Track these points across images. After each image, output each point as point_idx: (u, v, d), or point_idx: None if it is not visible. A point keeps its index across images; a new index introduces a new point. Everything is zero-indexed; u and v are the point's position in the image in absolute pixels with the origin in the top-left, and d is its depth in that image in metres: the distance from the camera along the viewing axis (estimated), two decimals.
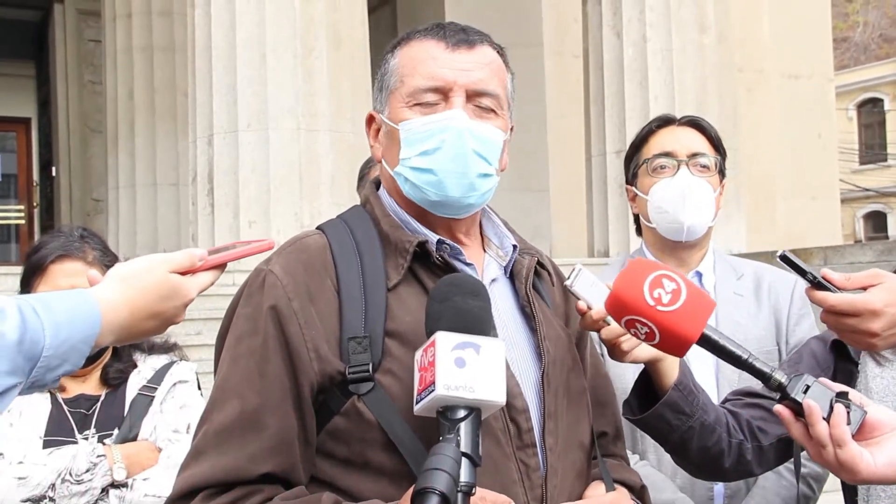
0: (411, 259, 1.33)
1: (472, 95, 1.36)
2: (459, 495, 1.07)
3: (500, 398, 1.16)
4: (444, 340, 1.15)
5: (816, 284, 1.40)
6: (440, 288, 1.24)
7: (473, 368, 1.14)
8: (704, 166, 2.15)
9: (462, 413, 1.13)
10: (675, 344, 1.28)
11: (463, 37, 1.38)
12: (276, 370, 1.26)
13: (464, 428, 1.12)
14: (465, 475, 1.09)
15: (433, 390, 1.13)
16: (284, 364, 1.26)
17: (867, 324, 1.37)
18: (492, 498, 1.18)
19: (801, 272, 1.39)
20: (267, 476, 1.24)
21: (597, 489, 1.38)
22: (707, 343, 1.28)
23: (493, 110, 1.37)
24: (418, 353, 1.19)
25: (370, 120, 1.46)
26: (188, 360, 2.22)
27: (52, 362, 1.10)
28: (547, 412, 1.34)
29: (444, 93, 1.35)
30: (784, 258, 1.40)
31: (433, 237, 1.37)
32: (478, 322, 1.20)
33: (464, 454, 1.10)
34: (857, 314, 1.38)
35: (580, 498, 1.36)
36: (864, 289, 1.39)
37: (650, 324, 1.26)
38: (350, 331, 1.27)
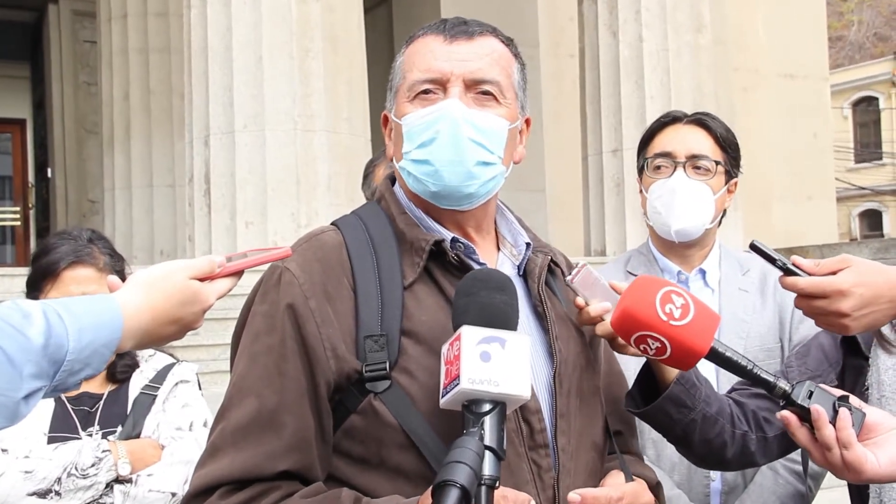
0: (427, 258, 1.32)
1: (470, 84, 1.34)
2: (483, 488, 1.06)
3: (525, 392, 1.16)
4: (470, 334, 1.16)
5: (787, 271, 1.43)
6: (466, 282, 1.24)
7: (498, 363, 1.15)
8: (704, 168, 2.14)
9: (487, 407, 1.14)
10: (685, 357, 1.31)
11: (462, 28, 1.37)
12: (293, 369, 1.26)
13: (488, 421, 1.12)
14: (488, 468, 1.08)
15: (458, 384, 1.13)
16: (302, 363, 1.26)
17: (836, 304, 1.40)
18: (513, 496, 1.18)
19: (770, 260, 1.42)
20: (284, 473, 1.24)
21: (617, 478, 1.38)
22: (714, 356, 1.31)
23: (494, 98, 1.35)
24: (444, 347, 1.20)
25: (385, 121, 1.44)
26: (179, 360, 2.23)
27: (74, 366, 1.11)
28: (559, 412, 1.33)
29: (442, 84, 1.34)
30: (754, 247, 1.43)
31: (448, 235, 1.36)
32: (503, 317, 1.20)
33: (488, 447, 1.10)
34: (825, 296, 1.41)
35: None
36: (835, 273, 1.42)
37: (663, 339, 1.29)
38: (366, 329, 1.27)
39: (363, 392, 1.26)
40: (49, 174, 12.97)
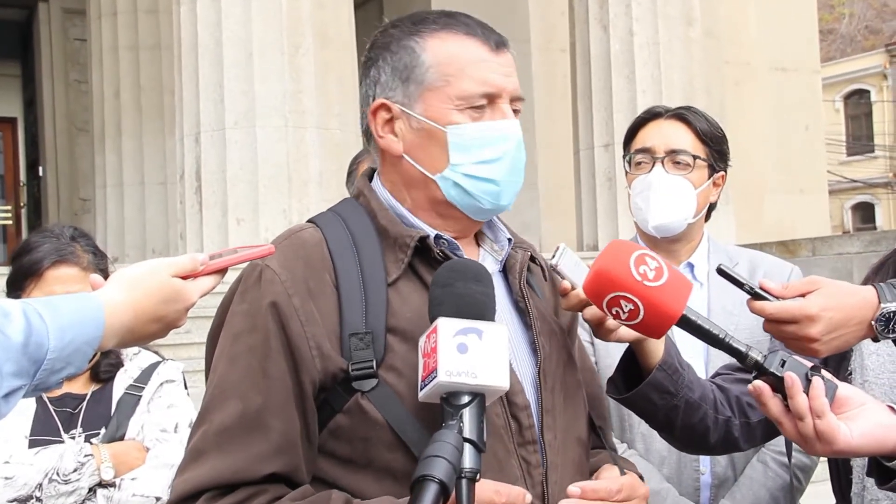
0: (411, 254, 1.31)
1: (513, 100, 1.37)
2: (463, 482, 1.05)
3: (504, 383, 1.15)
4: (446, 326, 1.15)
5: (754, 295, 1.40)
6: (442, 273, 1.23)
7: (476, 354, 1.14)
8: (684, 163, 2.13)
9: (465, 399, 1.13)
10: (658, 321, 1.29)
11: (498, 38, 1.36)
12: (278, 369, 1.23)
13: (467, 414, 1.11)
14: (469, 461, 1.07)
15: (435, 377, 1.12)
16: (286, 362, 1.24)
17: (805, 329, 1.37)
18: (506, 491, 1.18)
19: (738, 284, 1.40)
20: (271, 476, 1.22)
21: (611, 471, 1.38)
22: (686, 323, 1.30)
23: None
24: (421, 340, 1.19)
25: (378, 109, 1.36)
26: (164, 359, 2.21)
27: (55, 365, 1.10)
28: (544, 408, 1.33)
29: (491, 98, 1.33)
30: (720, 271, 1.40)
31: (431, 231, 1.34)
32: (480, 307, 1.19)
33: (467, 440, 1.09)
34: (794, 321, 1.37)
35: None
36: (803, 296, 1.39)
37: (636, 299, 1.26)
38: (351, 327, 1.25)
39: (349, 391, 1.24)
40: (40, 172, 12.91)
